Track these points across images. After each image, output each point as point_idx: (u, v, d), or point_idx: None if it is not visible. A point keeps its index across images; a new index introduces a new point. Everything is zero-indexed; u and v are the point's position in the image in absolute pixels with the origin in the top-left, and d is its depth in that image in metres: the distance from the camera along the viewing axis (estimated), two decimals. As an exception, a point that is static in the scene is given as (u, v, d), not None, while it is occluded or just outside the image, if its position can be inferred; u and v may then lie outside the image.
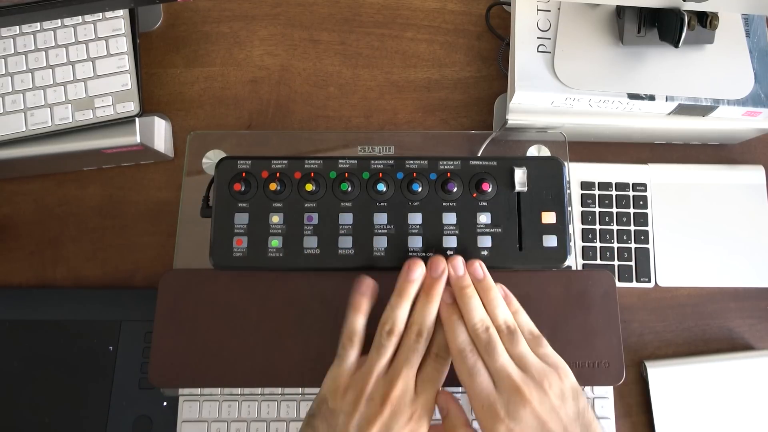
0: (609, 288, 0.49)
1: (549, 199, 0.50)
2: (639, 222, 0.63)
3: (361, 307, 0.44)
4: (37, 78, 0.60)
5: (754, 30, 0.58)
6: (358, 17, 0.69)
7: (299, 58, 0.68)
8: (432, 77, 0.68)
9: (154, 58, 0.67)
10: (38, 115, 0.60)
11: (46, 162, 0.62)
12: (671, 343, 0.61)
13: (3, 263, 0.63)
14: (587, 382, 0.47)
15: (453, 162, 0.51)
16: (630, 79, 0.56)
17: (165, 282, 0.49)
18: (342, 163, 0.51)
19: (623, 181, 0.63)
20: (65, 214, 0.64)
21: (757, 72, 0.56)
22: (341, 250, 0.50)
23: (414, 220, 0.50)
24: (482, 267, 0.45)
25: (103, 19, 0.62)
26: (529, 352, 0.42)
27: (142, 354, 0.59)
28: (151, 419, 0.57)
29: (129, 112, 0.61)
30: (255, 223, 0.50)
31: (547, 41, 0.57)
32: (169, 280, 0.49)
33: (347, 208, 0.50)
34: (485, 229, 0.50)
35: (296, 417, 0.56)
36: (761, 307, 0.62)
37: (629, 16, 0.55)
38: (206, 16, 0.69)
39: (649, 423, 0.59)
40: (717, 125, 0.59)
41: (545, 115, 0.58)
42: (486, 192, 0.50)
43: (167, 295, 0.49)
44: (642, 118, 0.59)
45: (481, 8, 0.69)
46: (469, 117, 0.67)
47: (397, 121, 0.67)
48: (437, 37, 0.69)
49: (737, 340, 0.61)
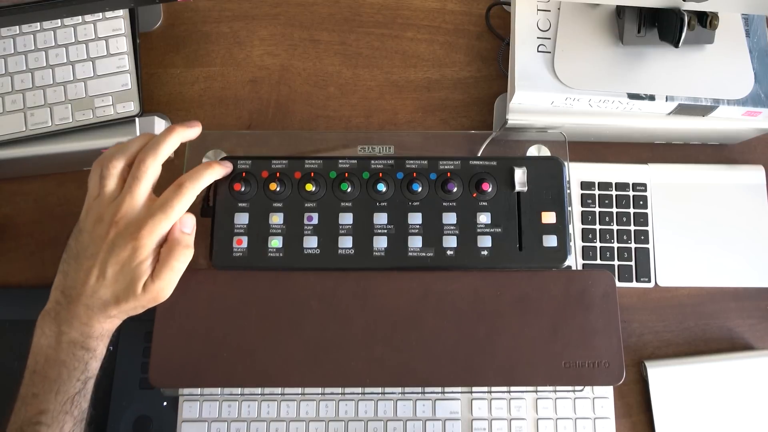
0: (609, 288, 0.49)
1: (549, 199, 0.50)
2: (639, 222, 0.63)
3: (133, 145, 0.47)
4: (37, 78, 0.60)
5: (754, 30, 0.58)
6: (358, 17, 0.69)
7: (299, 58, 0.68)
8: (432, 77, 0.68)
9: (154, 58, 0.67)
10: (38, 115, 0.60)
11: (46, 162, 0.62)
12: (671, 343, 0.61)
13: (3, 263, 0.63)
14: (587, 382, 0.47)
15: (453, 162, 0.51)
16: (630, 79, 0.56)
17: (165, 282, 0.49)
18: (342, 163, 0.51)
19: (623, 181, 0.63)
20: (65, 214, 0.64)
21: (757, 72, 0.56)
22: (341, 250, 0.50)
23: (414, 220, 0.50)
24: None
25: (103, 19, 0.62)
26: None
27: (142, 354, 0.59)
28: (151, 419, 0.57)
29: (129, 112, 0.61)
30: (255, 223, 0.50)
31: (547, 41, 0.57)
32: (169, 280, 0.49)
33: (347, 208, 0.50)
34: (485, 229, 0.50)
35: (296, 417, 0.56)
36: (761, 307, 0.62)
37: (629, 16, 0.55)
38: (206, 16, 0.69)
39: (649, 423, 0.59)
40: (717, 125, 0.59)
41: (545, 115, 0.58)
42: (486, 192, 0.50)
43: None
44: (642, 118, 0.59)
45: (481, 8, 0.69)
46: (469, 117, 0.67)
47: (397, 121, 0.67)
48: (437, 37, 0.69)
49: (737, 340, 0.61)
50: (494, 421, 0.56)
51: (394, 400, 0.57)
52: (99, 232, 0.45)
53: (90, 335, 0.45)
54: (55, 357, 0.44)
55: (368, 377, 0.47)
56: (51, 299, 0.46)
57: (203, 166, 0.48)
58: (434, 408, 0.57)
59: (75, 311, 0.45)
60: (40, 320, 0.46)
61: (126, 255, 0.44)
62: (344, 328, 0.48)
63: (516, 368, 0.47)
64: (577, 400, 0.57)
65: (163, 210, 0.45)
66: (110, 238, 0.45)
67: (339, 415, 0.56)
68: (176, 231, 0.46)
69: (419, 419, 0.56)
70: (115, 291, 0.45)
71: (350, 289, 0.48)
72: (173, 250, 0.45)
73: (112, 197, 0.46)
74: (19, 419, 0.44)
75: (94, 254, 0.45)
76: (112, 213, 0.45)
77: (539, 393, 0.57)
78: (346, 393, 0.57)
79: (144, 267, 0.45)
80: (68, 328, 0.44)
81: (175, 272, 0.46)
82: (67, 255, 0.47)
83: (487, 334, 0.48)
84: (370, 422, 0.56)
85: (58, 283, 0.46)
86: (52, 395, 0.44)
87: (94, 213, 0.46)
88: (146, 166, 0.46)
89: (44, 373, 0.44)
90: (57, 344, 0.44)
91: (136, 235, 0.44)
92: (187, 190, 0.46)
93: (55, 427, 0.44)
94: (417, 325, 0.48)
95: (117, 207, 0.45)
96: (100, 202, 0.46)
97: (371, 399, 0.57)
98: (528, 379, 0.48)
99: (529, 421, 0.57)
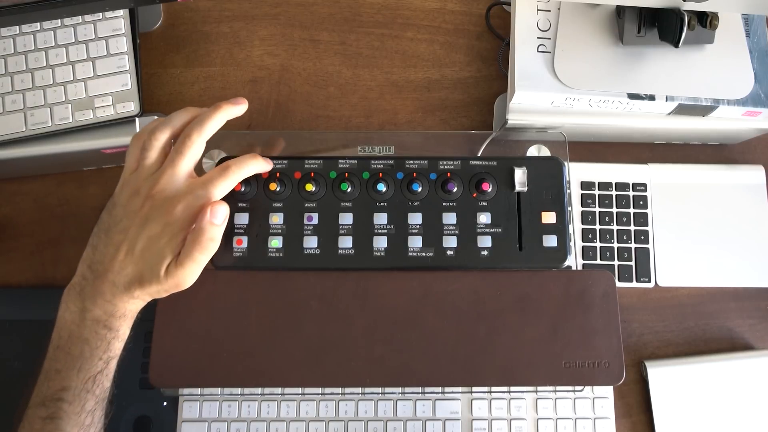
0: (609, 288, 0.49)
1: (549, 199, 0.50)
2: (639, 222, 0.63)
3: (180, 120, 0.47)
4: (37, 78, 0.60)
5: (754, 30, 0.58)
6: (358, 17, 0.69)
7: (299, 58, 0.68)
8: (432, 77, 0.68)
9: (154, 58, 0.67)
10: (38, 115, 0.60)
11: (46, 162, 0.62)
12: (671, 343, 0.61)
13: (3, 263, 0.63)
14: (587, 382, 0.47)
15: (453, 162, 0.51)
16: (630, 79, 0.56)
17: (165, 282, 0.49)
18: (342, 163, 0.51)
19: (623, 181, 0.63)
20: (65, 214, 0.64)
21: (757, 72, 0.56)
22: (341, 250, 0.50)
23: (414, 220, 0.50)
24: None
25: (103, 19, 0.62)
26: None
27: (142, 354, 0.59)
28: (151, 419, 0.57)
29: (129, 112, 0.61)
30: (255, 223, 0.50)
31: (547, 41, 0.57)
32: (169, 280, 0.49)
33: (347, 208, 0.50)
34: (485, 229, 0.50)
35: (296, 417, 0.56)
36: (761, 307, 0.62)
37: (629, 16, 0.55)
38: (206, 16, 0.69)
39: (649, 423, 0.59)
40: (717, 125, 0.59)
41: (545, 115, 0.58)
42: (486, 192, 0.50)
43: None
44: (642, 118, 0.59)
45: (481, 8, 0.69)
46: (469, 117, 0.67)
47: (397, 121, 0.67)
48: (437, 37, 0.69)
49: (737, 340, 0.61)
50: (494, 421, 0.56)
51: (394, 400, 0.57)
52: (133, 205, 0.44)
53: (113, 314, 0.44)
54: (78, 334, 0.44)
55: (368, 377, 0.47)
56: (78, 273, 0.45)
57: (249, 155, 0.47)
58: (434, 408, 0.57)
59: (100, 288, 0.44)
60: (65, 294, 0.45)
61: (157, 231, 0.43)
62: (344, 328, 0.48)
63: (516, 368, 0.47)
64: (577, 400, 0.57)
65: (205, 188, 0.44)
66: (144, 212, 0.43)
67: (339, 415, 0.56)
68: (205, 220, 0.44)
69: (419, 419, 0.56)
70: (140, 269, 0.43)
71: (350, 289, 0.48)
72: (198, 239, 0.43)
73: (151, 170, 0.45)
74: (42, 393, 0.43)
75: (125, 228, 0.44)
76: (149, 186, 0.44)
77: (539, 393, 0.57)
78: (346, 393, 0.57)
79: (171, 246, 0.43)
80: (92, 305, 0.44)
81: (197, 264, 0.44)
82: (98, 228, 0.46)
83: (487, 334, 0.48)
84: (370, 422, 0.56)
85: (86, 257, 0.45)
86: (75, 372, 0.43)
87: (131, 186, 0.45)
88: (192, 141, 0.44)
89: (67, 349, 0.44)
90: (80, 321, 0.44)
91: (171, 209, 0.43)
92: (232, 173, 0.45)
93: (76, 404, 0.43)
94: (417, 325, 0.48)
95: (155, 180, 0.44)
96: (137, 175, 0.45)
97: (371, 399, 0.57)
98: (528, 379, 0.48)
99: (529, 421, 0.57)
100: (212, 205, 0.44)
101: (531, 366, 0.47)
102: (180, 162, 0.44)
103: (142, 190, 0.44)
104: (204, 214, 0.44)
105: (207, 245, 0.44)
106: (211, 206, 0.44)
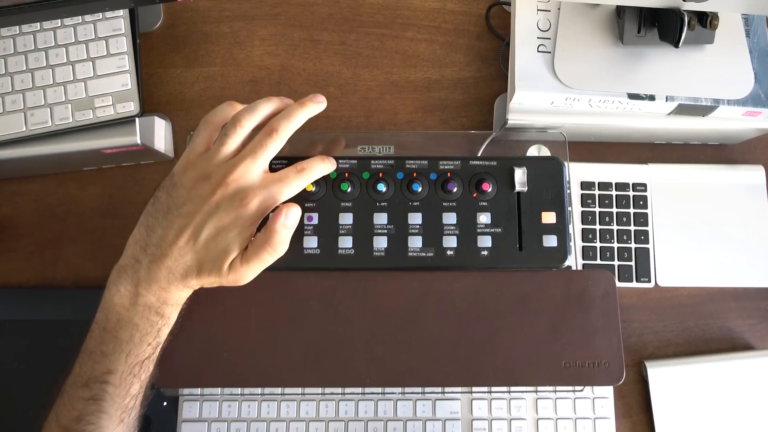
0: (609, 288, 0.49)
1: (549, 199, 0.50)
2: (639, 222, 0.63)
3: (263, 109, 0.45)
4: (37, 78, 0.60)
5: (754, 30, 0.58)
6: (358, 17, 0.69)
7: (299, 58, 0.68)
8: (432, 77, 0.68)
9: (154, 58, 0.67)
10: (38, 115, 0.60)
11: (46, 162, 0.62)
12: (671, 343, 0.61)
13: (3, 263, 0.63)
14: (587, 382, 0.47)
15: (453, 162, 0.51)
16: (630, 79, 0.56)
17: (165, 282, 0.49)
18: (342, 163, 0.51)
19: (623, 181, 0.63)
20: (65, 214, 0.64)
21: (757, 72, 0.56)
22: (341, 250, 0.50)
23: (414, 220, 0.50)
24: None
25: (103, 19, 0.62)
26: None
27: (142, 354, 0.59)
28: (151, 419, 0.57)
29: (129, 112, 0.61)
30: (255, 223, 0.50)
31: (547, 41, 0.57)
32: (169, 280, 0.49)
33: (347, 208, 0.50)
34: (485, 229, 0.50)
35: (296, 417, 0.56)
36: (761, 307, 0.62)
37: (629, 16, 0.55)
38: (206, 16, 0.69)
39: (649, 423, 0.59)
40: (717, 125, 0.59)
41: (545, 115, 0.58)
42: (486, 192, 0.50)
43: (167, 295, 0.49)
44: (642, 118, 0.59)
45: (481, 8, 0.69)
46: (469, 117, 0.67)
47: (397, 121, 0.67)
48: (437, 37, 0.69)
49: (737, 340, 0.61)
50: (494, 421, 0.56)
51: (394, 400, 0.57)
52: (202, 190, 0.42)
53: (166, 301, 0.43)
54: (128, 318, 0.42)
55: (368, 377, 0.47)
56: (128, 254, 0.43)
57: (318, 157, 0.46)
58: (434, 408, 0.57)
59: (155, 273, 0.42)
60: (114, 275, 0.43)
61: (227, 222, 0.41)
62: (344, 328, 0.48)
63: (516, 368, 0.47)
64: (577, 400, 0.57)
65: (280, 185, 0.42)
66: (215, 200, 0.41)
67: (339, 415, 0.56)
68: (279, 222, 0.42)
69: (419, 419, 0.56)
70: (201, 259, 0.42)
71: (350, 289, 0.48)
72: (271, 240, 0.42)
73: (227, 157, 0.43)
74: (86, 374, 0.42)
75: (190, 213, 0.42)
76: (222, 173, 0.42)
77: (539, 393, 0.57)
78: (346, 393, 0.57)
79: (239, 241, 0.42)
80: (146, 291, 0.42)
81: (263, 264, 0.43)
82: (153, 208, 0.43)
83: (487, 334, 0.48)
84: (370, 422, 0.56)
85: (138, 238, 0.43)
86: (123, 356, 0.42)
87: (199, 169, 0.43)
88: (278, 135, 0.43)
89: (115, 332, 0.42)
90: (132, 305, 0.42)
91: (245, 202, 0.41)
92: (306, 174, 0.44)
93: (122, 388, 0.42)
94: (417, 325, 0.48)
95: (231, 168, 0.42)
96: (208, 159, 0.43)
97: (371, 399, 0.57)
98: (528, 379, 0.48)
99: (529, 421, 0.57)
100: (288, 208, 0.43)
101: (531, 366, 0.47)
102: (261, 154, 0.43)
103: (214, 175, 0.42)
104: (279, 215, 0.42)
105: (278, 248, 0.43)
106: (287, 208, 0.43)
